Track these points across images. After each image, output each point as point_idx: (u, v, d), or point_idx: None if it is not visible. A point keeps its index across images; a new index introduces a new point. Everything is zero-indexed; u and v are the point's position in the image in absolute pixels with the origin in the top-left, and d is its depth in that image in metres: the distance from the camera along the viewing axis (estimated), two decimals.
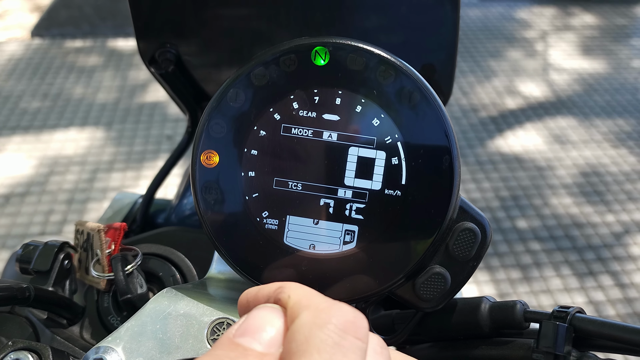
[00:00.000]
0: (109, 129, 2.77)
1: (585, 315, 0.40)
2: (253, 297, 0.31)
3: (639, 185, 2.55)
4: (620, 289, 2.05)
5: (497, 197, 2.43)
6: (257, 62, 0.41)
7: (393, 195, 0.41)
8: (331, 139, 0.41)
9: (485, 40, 3.77)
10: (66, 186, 2.41)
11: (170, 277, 0.53)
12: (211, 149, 0.41)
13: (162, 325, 0.40)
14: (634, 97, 3.21)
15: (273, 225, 0.41)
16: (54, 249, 0.51)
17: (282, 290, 0.29)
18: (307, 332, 0.25)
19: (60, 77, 3.21)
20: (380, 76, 0.40)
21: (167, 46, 0.67)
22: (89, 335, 0.51)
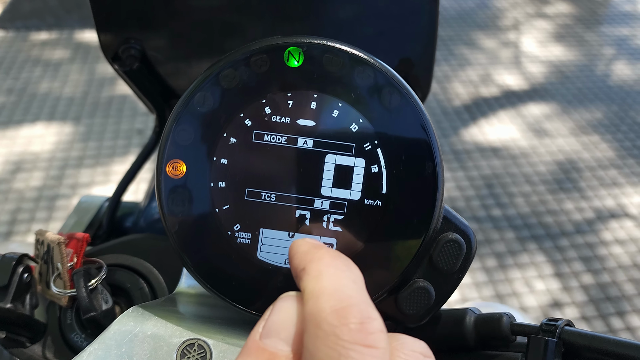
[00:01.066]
0: (77, 124, 2.70)
1: (575, 329, 0.38)
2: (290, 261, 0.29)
3: (611, 172, 2.58)
4: (593, 274, 2.08)
5: (472, 186, 2.44)
6: (226, 63, 0.38)
7: (373, 206, 0.38)
8: (306, 146, 0.38)
9: (459, 29, 3.77)
10: (34, 184, 2.34)
11: (138, 289, 0.51)
12: (177, 158, 0.38)
13: (127, 348, 0.37)
14: (605, 85, 3.25)
15: (245, 239, 0.39)
16: (12, 262, 0.47)
17: (302, 278, 0.27)
18: (312, 348, 0.23)
19: (25, 71, 3.12)
20: (357, 77, 0.38)
21: (132, 42, 0.64)
22: (51, 354, 0.48)
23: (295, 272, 0.28)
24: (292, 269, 0.28)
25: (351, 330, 0.23)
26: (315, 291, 0.25)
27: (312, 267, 0.26)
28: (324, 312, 0.24)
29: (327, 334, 0.23)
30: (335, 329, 0.23)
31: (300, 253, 0.28)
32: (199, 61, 0.70)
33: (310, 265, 0.27)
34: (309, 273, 0.26)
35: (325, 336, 0.23)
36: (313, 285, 0.25)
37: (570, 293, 2.00)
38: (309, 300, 0.25)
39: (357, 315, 0.23)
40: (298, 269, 0.27)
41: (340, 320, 0.23)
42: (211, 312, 0.42)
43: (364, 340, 0.23)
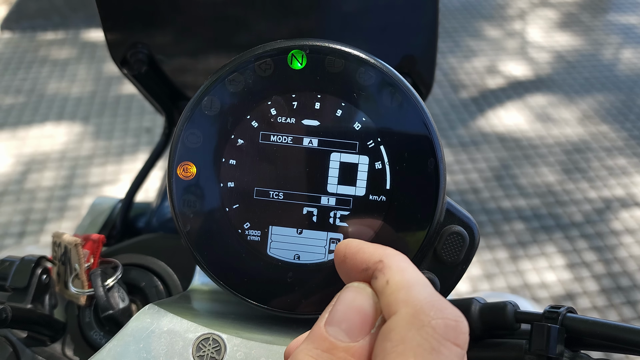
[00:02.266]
0: (86, 123, 2.73)
1: (577, 315, 0.39)
2: (352, 255, 0.29)
3: (620, 161, 2.57)
4: (605, 264, 2.07)
5: (481, 177, 2.44)
6: (231, 68, 0.39)
7: (378, 201, 0.39)
8: (312, 145, 0.39)
9: (464, 20, 3.76)
10: (45, 184, 2.37)
11: (153, 287, 0.52)
12: (187, 160, 0.39)
13: (145, 343, 0.38)
14: (612, 73, 3.23)
15: (255, 236, 0.40)
16: (31, 265, 0.49)
17: (381, 269, 0.27)
18: (403, 333, 0.23)
19: (33, 71, 3.14)
20: (359, 78, 0.39)
21: (139, 46, 0.65)
22: (71, 352, 0.49)
23: (364, 265, 0.28)
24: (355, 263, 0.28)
25: (447, 326, 0.23)
26: (404, 282, 0.25)
27: (392, 261, 0.27)
28: (420, 302, 0.24)
29: (424, 324, 0.23)
30: (432, 321, 0.23)
31: (368, 248, 0.29)
32: (206, 59, 0.71)
33: (389, 259, 0.27)
34: (390, 266, 0.26)
35: (421, 326, 0.23)
36: (401, 277, 0.26)
37: (582, 283, 2.00)
38: (400, 290, 0.25)
39: (452, 312, 0.24)
40: (371, 261, 0.27)
41: (437, 313, 0.24)
42: (224, 307, 0.44)
43: (456, 339, 0.23)
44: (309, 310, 0.40)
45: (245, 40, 0.67)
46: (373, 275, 0.27)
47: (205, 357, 0.38)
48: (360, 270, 0.28)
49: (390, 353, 0.23)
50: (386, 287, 0.26)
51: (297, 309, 0.40)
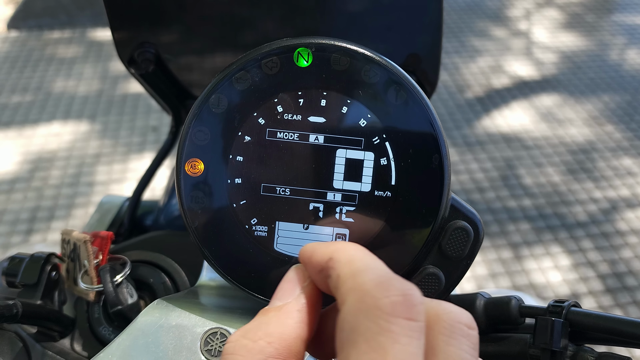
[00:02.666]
0: (92, 122, 2.74)
1: (581, 309, 0.40)
2: (308, 260, 0.29)
3: (625, 161, 2.56)
4: (610, 264, 2.07)
5: (486, 177, 2.44)
6: (238, 66, 0.39)
7: (383, 197, 0.40)
8: (318, 141, 0.40)
9: (469, 20, 3.76)
10: (52, 182, 2.38)
11: (161, 284, 0.53)
12: (195, 157, 0.40)
13: (154, 338, 0.39)
14: (618, 74, 3.22)
15: (262, 232, 0.40)
16: (41, 261, 0.50)
17: (332, 266, 0.26)
18: (352, 320, 0.23)
19: (40, 69, 3.16)
20: (365, 75, 0.39)
21: (146, 46, 0.66)
22: (80, 347, 0.50)
23: (319, 267, 0.28)
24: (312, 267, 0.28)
25: (394, 303, 0.23)
26: (352, 272, 0.25)
27: (341, 255, 0.26)
28: (365, 285, 0.24)
29: (369, 308, 0.23)
30: (377, 301, 0.23)
31: (319, 249, 0.28)
32: (212, 58, 0.71)
33: (338, 254, 0.27)
34: (339, 260, 0.26)
35: (367, 310, 0.23)
36: (349, 268, 0.25)
37: (587, 283, 2.00)
38: (347, 280, 0.25)
39: (399, 287, 0.23)
40: (322, 261, 0.27)
41: (383, 292, 0.23)
42: (232, 302, 0.44)
43: (408, 313, 0.23)
44: None
45: (251, 39, 0.68)
46: (328, 274, 0.27)
47: (213, 351, 0.38)
48: (318, 273, 0.28)
49: (345, 343, 0.23)
50: (338, 281, 0.25)
51: None
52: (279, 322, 0.27)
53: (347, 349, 0.23)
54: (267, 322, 0.27)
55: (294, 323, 0.27)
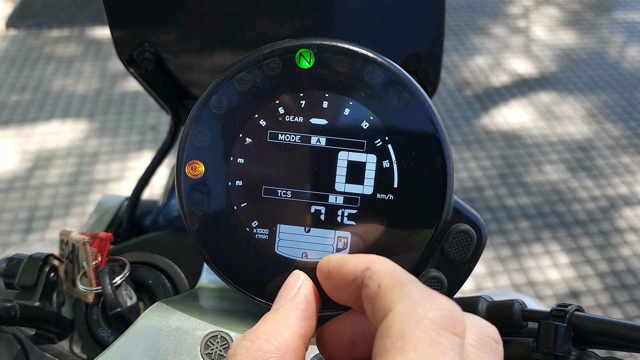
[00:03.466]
0: (91, 121, 2.73)
1: (584, 314, 0.39)
2: (336, 270, 0.30)
3: (624, 159, 2.56)
4: (608, 262, 2.07)
5: (485, 176, 2.44)
6: (240, 67, 0.39)
7: (385, 200, 0.40)
8: (319, 143, 0.39)
9: (468, 18, 3.76)
10: (50, 180, 2.38)
11: (160, 285, 0.52)
12: (196, 159, 0.39)
13: (154, 341, 0.39)
14: (617, 72, 3.22)
15: (263, 235, 0.40)
16: (39, 263, 0.49)
17: (370, 276, 0.27)
18: (402, 328, 0.24)
19: (39, 68, 3.15)
20: (367, 76, 0.39)
21: (145, 45, 0.65)
22: (79, 349, 0.50)
23: (351, 276, 0.28)
24: (342, 276, 0.29)
25: (444, 317, 0.24)
26: (395, 282, 0.26)
27: (379, 266, 0.27)
28: (415, 296, 0.25)
29: (420, 318, 0.24)
30: (428, 313, 0.24)
31: (352, 259, 0.29)
32: (212, 57, 0.71)
33: (375, 265, 0.28)
34: (378, 271, 0.27)
35: (419, 319, 0.24)
36: (391, 278, 0.26)
37: (585, 281, 2.00)
38: (392, 289, 0.26)
39: (446, 302, 0.25)
40: (357, 271, 0.28)
41: (433, 305, 0.24)
42: (232, 305, 0.44)
43: (453, 328, 0.24)
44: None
45: (251, 38, 0.68)
46: (363, 284, 0.28)
47: (214, 354, 0.38)
48: (349, 282, 0.29)
49: (390, 350, 0.23)
50: (379, 290, 0.26)
51: None
52: (276, 321, 0.30)
53: (392, 355, 0.23)
54: (264, 323, 0.30)
55: (290, 321, 0.30)
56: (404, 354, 0.23)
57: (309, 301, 0.32)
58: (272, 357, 0.28)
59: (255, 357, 0.27)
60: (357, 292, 0.28)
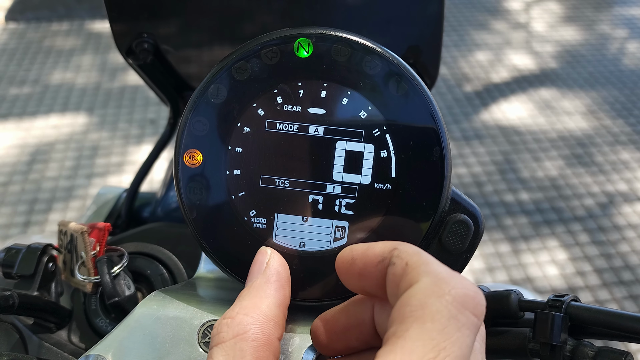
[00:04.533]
0: (90, 114, 2.73)
1: (580, 304, 0.39)
2: (361, 254, 0.30)
3: (623, 156, 2.56)
4: (607, 258, 2.08)
5: (484, 171, 2.44)
6: (238, 56, 0.39)
7: (383, 189, 0.40)
8: (317, 133, 0.39)
9: (468, 13, 3.75)
10: (50, 173, 2.38)
11: (158, 275, 0.52)
12: (194, 148, 0.39)
13: (151, 330, 0.39)
14: (617, 68, 3.22)
15: (261, 224, 0.40)
16: (37, 252, 0.49)
17: (398, 255, 0.28)
18: (423, 299, 0.24)
19: (38, 62, 3.15)
20: (365, 66, 0.39)
21: (144, 36, 0.65)
22: (77, 338, 0.50)
23: (379, 257, 0.29)
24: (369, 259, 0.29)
25: (467, 296, 0.24)
26: (423, 261, 0.26)
27: (406, 247, 0.28)
28: (441, 273, 0.25)
29: (444, 292, 0.24)
30: (452, 290, 0.24)
31: (378, 244, 0.30)
32: (211, 49, 0.71)
33: (402, 246, 0.28)
34: (406, 251, 0.28)
35: (441, 293, 0.24)
36: (418, 258, 0.27)
37: (584, 277, 2.00)
38: (420, 266, 0.26)
39: (471, 285, 0.25)
40: (385, 251, 0.29)
41: (458, 283, 0.25)
42: (230, 294, 0.44)
43: (474, 309, 0.24)
44: (313, 297, 0.40)
45: (250, 31, 0.67)
46: (390, 262, 0.28)
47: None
48: (376, 264, 0.29)
49: (408, 317, 0.24)
50: (406, 267, 0.27)
51: (302, 296, 0.40)
52: (251, 296, 0.32)
53: (409, 322, 0.24)
54: (241, 300, 0.32)
55: (265, 293, 0.32)
56: (421, 323, 0.23)
57: (279, 272, 0.34)
58: (252, 328, 0.29)
59: (237, 331, 0.29)
60: (381, 274, 0.29)
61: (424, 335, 0.23)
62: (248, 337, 0.29)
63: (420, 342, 0.23)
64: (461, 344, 0.23)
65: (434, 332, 0.23)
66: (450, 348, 0.23)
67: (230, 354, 0.28)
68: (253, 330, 0.29)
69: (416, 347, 0.23)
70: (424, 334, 0.23)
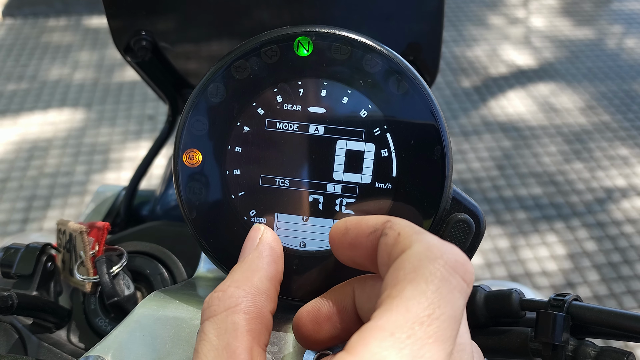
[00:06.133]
0: (88, 110, 2.72)
1: (582, 303, 0.39)
2: (355, 225, 0.31)
3: (622, 151, 2.57)
4: (605, 253, 2.08)
5: (483, 167, 2.44)
6: (237, 54, 0.39)
7: (384, 189, 0.39)
8: (318, 132, 0.39)
9: (466, 8, 3.74)
10: (48, 170, 2.37)
11: (158, 275, 0.52)
12: (193, 147, 0.39)
13: (151, 330, 0.38)
14: (615, 63, 3.22)
15: (261, 224, 0.40)
16: (36, 252, 0.49)
17: (390, 226, 0.28)
18: (416, 263, 0.25)
19: (35, 58, 3.14)
20: (366, 65, 0.38)
21: (142, 34, 0.65)
22: (76, 338, 0.49)
23: (372, 228, 0.30)
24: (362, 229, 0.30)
25: (457, 262, 0.25)
26: (415, 230, 0.27)
27: (399, 219, 0.29)
28: (433, 240, 0.26)
29: (436, 257, 0.25)
30: (444, 254, 0.25)
31: (371, 217, 0.30)
32: (209, 47, 0.70)
33: (395, 219, 0.29)
34: (398, 222, 0.28)
35: (434, 257, 0.25)
36: (411, 228, 0.28)
37: (583, 272, 2.00)
38: (412, 235, 0.27)
39: (461, 254, 0.26)
40: (379, 222, 0.29)
41: (448, 250, 0.25)
42: None
43: (464, 274, 0.25)
44: (314, 297, 0.40)
45: (249, 27, 0.67)
46: (382, 233, 0.29)
47: None
48: (368, 234, 0.30)
49: (402, 280, 0.25)
50: (398, 237, 0.27)
51: (303, 296, 0.40)
52: (243, 269, 0.32)
53: (402, 284, 0.24)
54: (233, 273, 0.32)
55: (257, 267, 0.32)
56: (415, 284, 0.24)
57: (272, 247, 0.34)
58: (243, 301, 0.29)
59: (228, 304, 0.29)
60: (373, 244, 0.29)
61: (419, 295, 0.24)
62: (240, 310, 0.29)
63: (415, 300, 0.23)
64: (453, 305, 0.24)
65: (428, 292, 0.24)
66: (445, 307, 0.24)
67: (222, 327, 0.28)
68: (245, 303, 0.29)
69: (412, 305, 0.23)
70: (419, 293, 0.24)
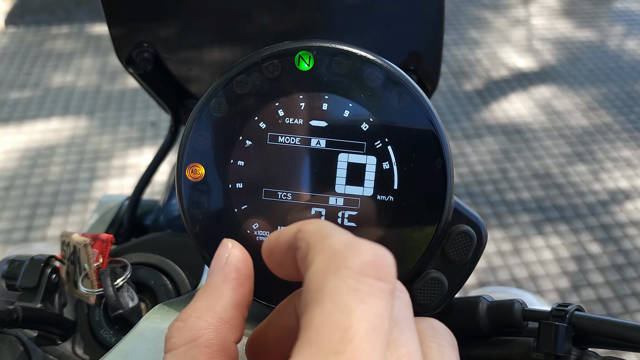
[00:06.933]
0: (91, 117, 2.73)
1: (585, 314, 0.39)
2: (274, 243, 0.28)
3: (624, 153, 2.56)
4: (609, 256, 2.07)
5: (485, 170, 2.44)
6: (239, 69, 0.39)
7: (386, 201, 0.40)
8: (319, 146, 0.39)
9: (467, 11, 3.75)
10: (51, 178, 2.38)
11: (162, 286, 0.52)
12: (196, 161, 0.39)
13: (155, 343, 0.39)
14: (617, 65, 3.22)
15: (264, 236, 0.40)
16: (40, 264, 0.49)
17: (301, 237, 0.25)
18: (319, 279, 0.22)
19: (38, 65, 3.15)
20: (367, 78, 0.39)
21: (144, 45, 0.65)
22: (81, 350, 0.50)
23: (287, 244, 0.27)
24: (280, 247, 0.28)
25: (364, 263, 0.22)
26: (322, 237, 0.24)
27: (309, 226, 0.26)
28: (335, 246, 0.23)
29: (339, 266, 0.22)
30: (347, 260, 0.22)
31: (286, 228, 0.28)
32: (211, 56, 0.71)
33: (306, 226, 0.26)
34: (308, 230, 0.25)
35: (336, 268, 0.22)
36: (318, 235, 0.25)
37: (586, 275, 2.00)
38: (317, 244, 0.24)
39: (370, 248, 0.23)
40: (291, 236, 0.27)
41: (353, 252, 0.22)
42: None
43: (376, 273, 0.22)
44: None
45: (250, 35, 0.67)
46: (297, 246, 0.26)
47: None
48: (286, 251, 0.27)
49: (309, 303, 0.22)
50: (307, 249, 0.24)
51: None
52: (207, 296, 0.28)
53: (311, 309, 0.21)
54: (196, 300, 0.28)
55: (222, 293, 0.28)
56: (321, 306, 0.21)
57: (239, 268, 0.30)
58: (205, 333, 0.27)
59: (189, 337, 0.27)
60: (294, 260, 0.26)
61: (326, 319, 0.21)
62: (201, 344, 0.26)
63: (325, 327, 0.21)
64: (369, 316, 0.21)
65: (335, 312, 0.21)
66: (358, 323, 0.20)
67: None
68: (206, 336, 0.27)
69: (322, 334, 0.21)
70: (326, 318, 0.21)
